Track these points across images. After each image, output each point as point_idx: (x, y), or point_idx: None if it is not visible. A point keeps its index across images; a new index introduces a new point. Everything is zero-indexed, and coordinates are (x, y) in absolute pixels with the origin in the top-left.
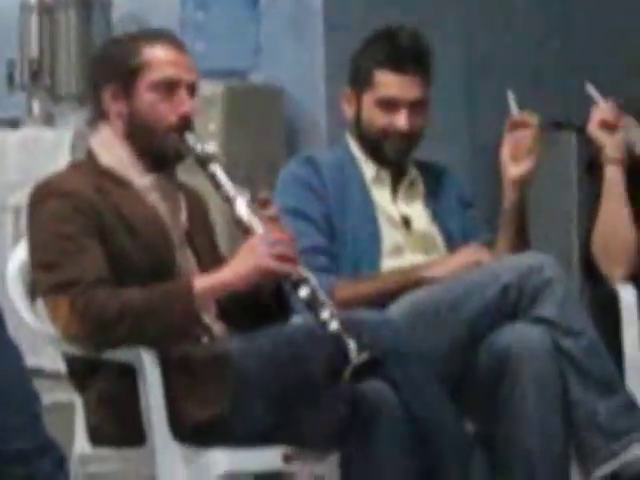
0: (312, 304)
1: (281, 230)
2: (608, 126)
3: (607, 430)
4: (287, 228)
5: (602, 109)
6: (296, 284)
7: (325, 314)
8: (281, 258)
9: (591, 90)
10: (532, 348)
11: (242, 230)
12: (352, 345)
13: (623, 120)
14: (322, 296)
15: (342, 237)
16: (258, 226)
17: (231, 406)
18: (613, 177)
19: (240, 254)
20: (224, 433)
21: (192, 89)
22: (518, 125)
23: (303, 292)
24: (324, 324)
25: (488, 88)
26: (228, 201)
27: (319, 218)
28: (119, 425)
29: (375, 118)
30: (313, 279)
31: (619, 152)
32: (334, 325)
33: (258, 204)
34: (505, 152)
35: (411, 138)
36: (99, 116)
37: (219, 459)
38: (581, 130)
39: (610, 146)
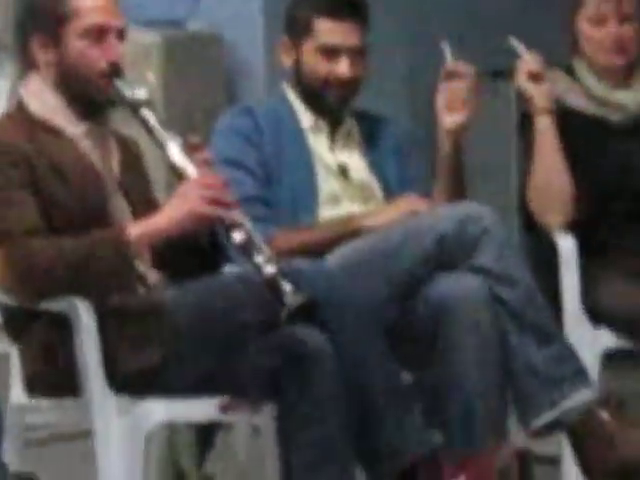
0: (247, 248)
1: (214, 174)
2: (534, 77)
3: (545, 378)
4: (220, 173)
5: (527, 61)
6: (231, 228)
7: (260, 258)
8: (215, 202)
9: (514, 43)
10: (469, 297)
11: (176, 175)
12: (288, 288)
13: (552, 72)
14: (257, 240)
15: (279, 187)
16: (192, 171)
17: (166, 356)
18: (543, 126)
19: (174, 199)
20: (160, 383)
21: (121, 35)
22: (453, 75)
23: (238, 236)
24: (259, 268)
25: (428, 36)
26: (161, 146)
27: (256, 168)
28: (55, 375)
29: (316, 66)
30: (248, 223)
31: (547, 102)
32: (269, 269)
33: (190, 148)
34: (440, 102)
35: (352, 85)
36: (28, 66)
37: (155, 409)
38: None
39: (538, 96)
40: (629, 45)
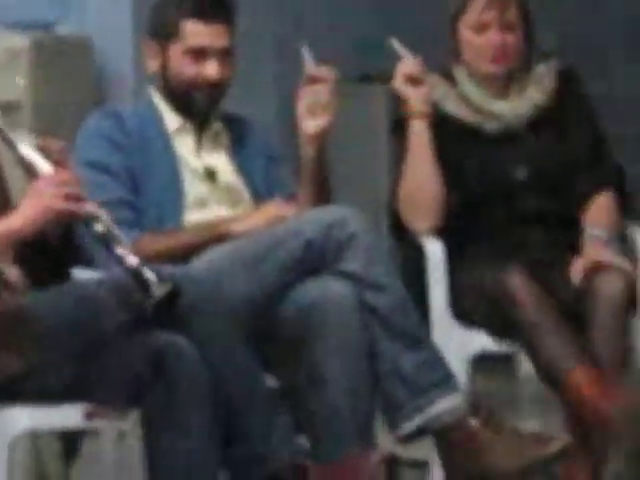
0: (107, 241)
1: (69, 171)
2: (413, 80)
3: (413, 384)
4: (84, 175)
5: (406, 64)
6: (89, 222)
7: (121, 250)
8: (69, 197)
9: (396, 45)
10: (336, 302)
11: (29, 173)
12: (152, 278)
13: (431, 77)
14: (117, 233)
15: (145, 190)
16: (45, 168)
17: (29, 363)
18: (418, 130)
19: (27, 198)
20: (23, 390)
21: None
22: (315, 80)
23: (97, 229)
24: (121, 259)
25: (295, 39)
26: (11, 145)
27: (122, 171)
28: None
29: (184, 68)
30: (106, 216)
31: (424, 106)
32: (132, 259)
33: (40, 149)
34: (301, 107)
35: (220, 87)
36: None
37: (18, 417)
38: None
39: (415, 99)
40: (510, 54)
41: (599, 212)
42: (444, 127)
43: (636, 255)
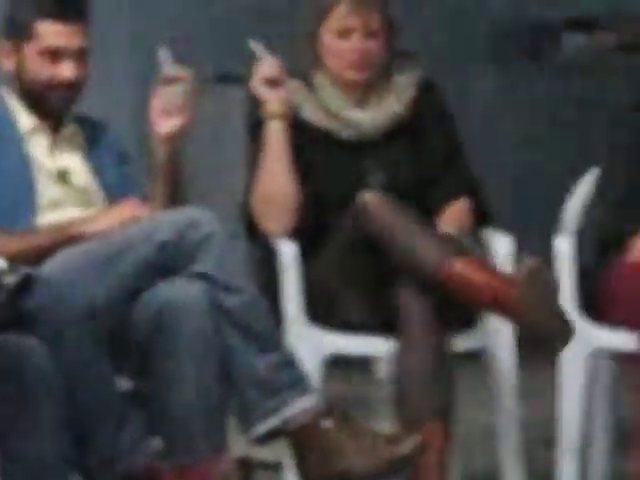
0: None
1: None
2: (271, 82)
3: (267, 386)
4: None
5: (265, 65)
6: None
7: None
8: None
9: (255, 47)
10: (189, 304)
11: None
12: (2, 266)
13: (290, 82)
14: None
15: None
16: None
17: None
18: (274, 131)
19: None
20: None
21: None
22: (171, 80)
23: None
24: None
25: (154, 38)
26: None
27: None
28: None
29: (39, 69)
30: None
31: (282, 107)
32: None
33: None
34: (154, 107)
35: (75, 87)
36: None
37: None
38: None
39: (272, 101)
40: (372, 61)
41: (452, 216)
42: (301, 132)
43: (489, 257)
